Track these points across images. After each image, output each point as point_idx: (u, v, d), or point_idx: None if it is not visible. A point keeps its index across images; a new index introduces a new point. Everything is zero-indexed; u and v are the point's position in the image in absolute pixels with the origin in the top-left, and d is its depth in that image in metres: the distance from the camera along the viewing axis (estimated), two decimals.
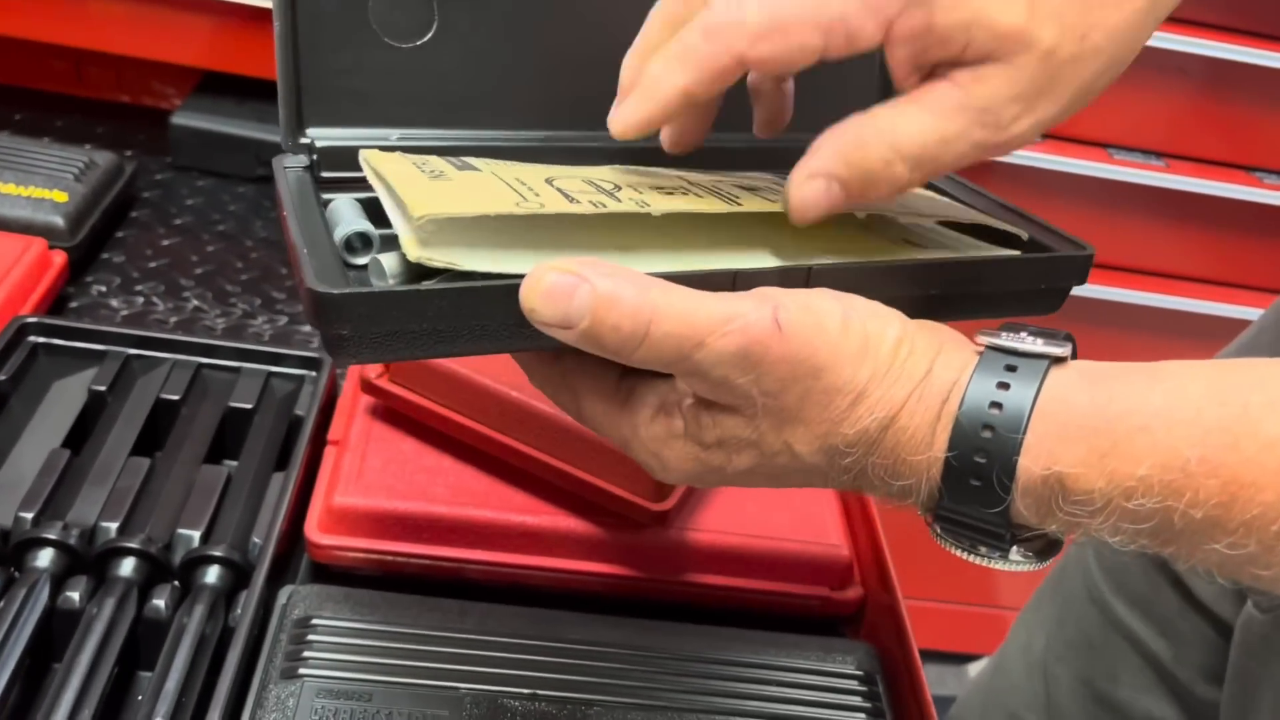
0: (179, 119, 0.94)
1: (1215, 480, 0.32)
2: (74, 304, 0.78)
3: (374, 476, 0.63)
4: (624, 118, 0.39)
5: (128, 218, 0.88)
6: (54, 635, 0.55)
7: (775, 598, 0.64)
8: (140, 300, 0.80)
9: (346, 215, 0.44)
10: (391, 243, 0.39)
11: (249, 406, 0.68)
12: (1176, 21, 1.03)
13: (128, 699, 0.55)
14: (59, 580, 0.56)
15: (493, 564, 0.62)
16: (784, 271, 0.38)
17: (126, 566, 0.56)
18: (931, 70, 0.37)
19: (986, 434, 0.34)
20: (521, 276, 0.35)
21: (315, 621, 0.55)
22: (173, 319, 0.79)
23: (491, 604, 0.58)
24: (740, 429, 0.37)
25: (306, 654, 0.53)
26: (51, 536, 0.56)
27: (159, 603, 0.56)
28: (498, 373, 0.64)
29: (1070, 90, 0.37)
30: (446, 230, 0.37)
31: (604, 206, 0.39)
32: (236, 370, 0.71)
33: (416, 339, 0.36)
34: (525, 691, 0.53)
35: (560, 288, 0.34)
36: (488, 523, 0.62)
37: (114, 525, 0.58)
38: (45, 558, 0.56)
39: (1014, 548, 0.36)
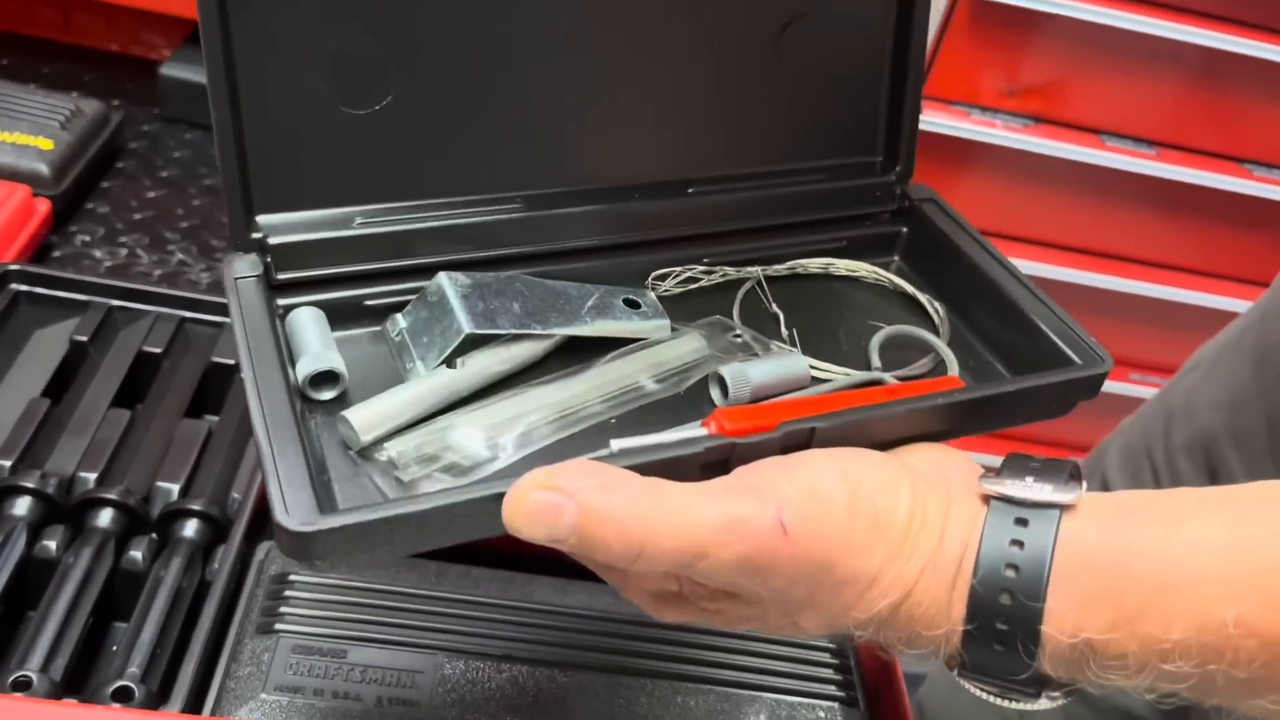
0: (168, 70, 0.93)
1: (1254, 640, 0.31)
2: (57, 253, 0.78)
3: None
4: None
5: (113, 168, 0.87)
6: (29, 583, 0.55)
7: None
8: (124, 252, 0.79)
9: (309, 340, 0.44)
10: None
11: (232, 362, 0.67)
12: (1173, 9, 1.03)
13: (103, 649, 0.55)
14: (36, 529, 0.56)
15: None
16: (786, 434, 0.38)
17: (104, 517, 0.56)
18: None
19: (1005, 599, 0.33)
20: (500, 485, 0.35)
21: (292, 578, 0.55)
22: (157, 272, 0.78)
23: (468, 565, 0.58)
24: (742, 609, 0.37)
25: (283, 609, 0.53)
26: (29, 485, 0.56)
27: (136, 554, 0.56)
28: None
29: None
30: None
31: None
32: (219, 325, 0.70)
33: (393, 550, 0.36)
34: (499, 654, 0.53)
35: (545, 508, 0.33)
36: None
37: (92, 476, 0.58)
38: (23, 506, 0.56)
39: (1044, 693, 0.35)
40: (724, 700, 0.54)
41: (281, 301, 0.46)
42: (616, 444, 0.40)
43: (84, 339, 0.66)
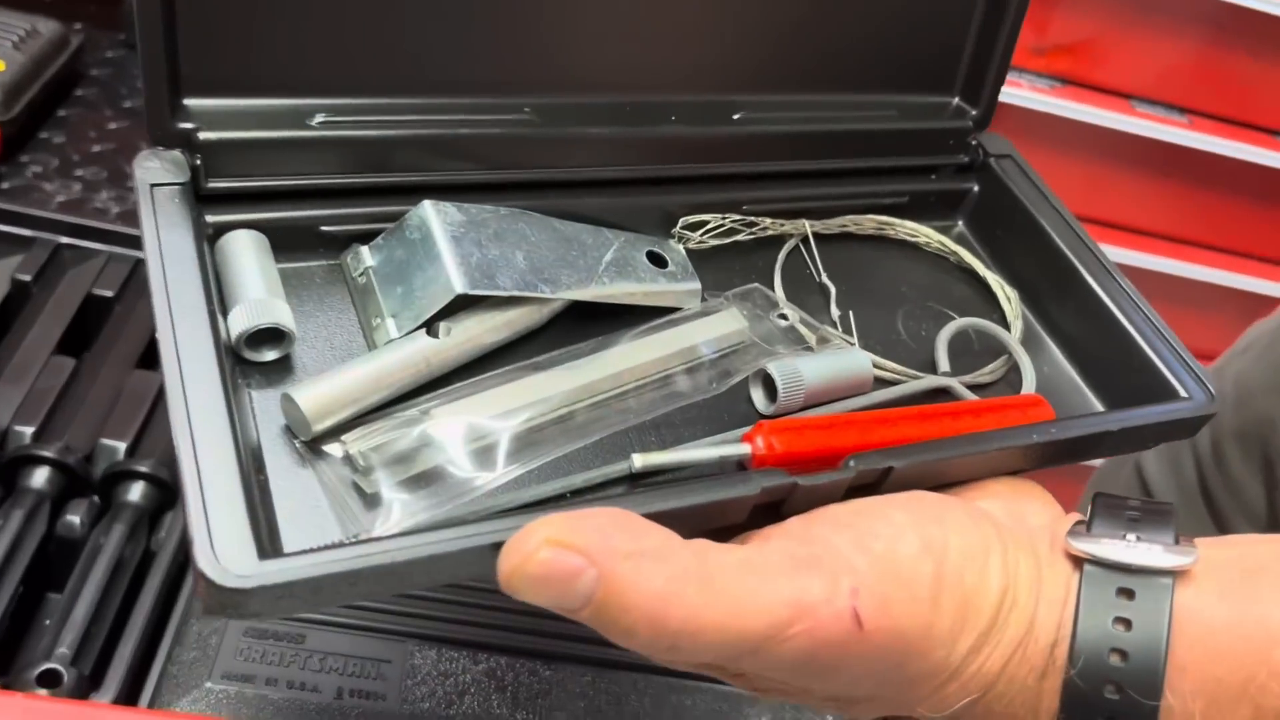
0: None
1: None
2: (5, 185, 0.71)
3: None
4: None
5: (72, 95, 0.81)
6: None
7: None
8: (79, 186, 0.73)
9: (248, 278, 0.35)
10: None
11: None
12: None
13: (33, 624, 0.49)
14: None
15: None
16: (859, 473, 0.32)
17: (39, 476, 0.51)
18: None
19: (1111, 693, 0.27)
20: (494, 528, 0.28)
21: None
22: (115, 209, 0.72)
23: None
24: (786, 689, 0.31)
25: None
26: None
27: (73, 519, 0.50)
28: None
29: None
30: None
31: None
32: None
33: (358, 593, 0.29)
34: (475, 642, 0.48)
35: (556, 571, 0.25)
36: None
37: (29, 430, 0.52)
38: None
39: None
40: (722, 700, 0.49)
41: (212, 219, 0.36)
42: (640, 459, 0.34)
43: (27, 278, 0.60)
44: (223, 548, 0.27)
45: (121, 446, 0.53)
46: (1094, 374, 0.43)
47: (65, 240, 0.63)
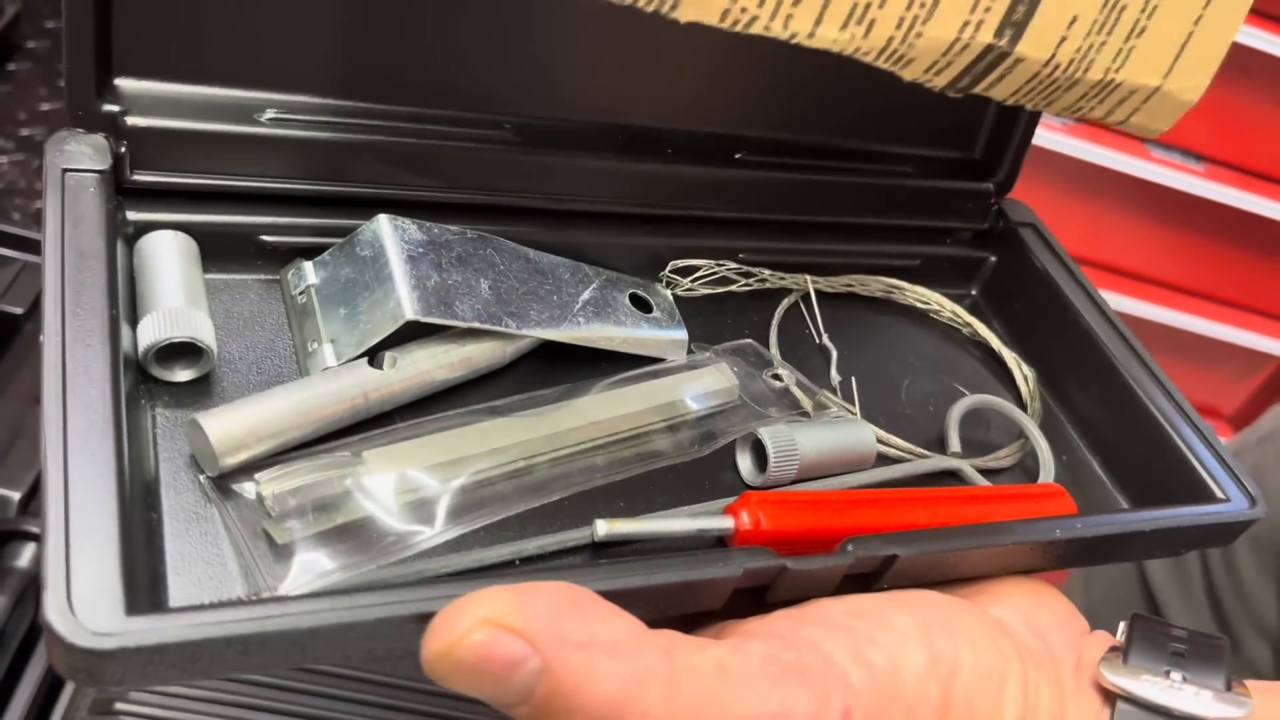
0: None
1: None
2: None
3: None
4: None
5: (3, 69, 0.74)
6: None
7: None
8: (1, 177, 0.66)
9: (166, 284, 0.30)
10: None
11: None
12: (1257, 14, 0.92)
13: None
14: None
15: None
16: (857, 559, 0.28)
17: None
18: None
19: None
20: (419, 595, 0.23)
21: None
22: (37, 204, 0.65)
23: None
24: None
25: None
26: None
27: None
28: None
29: None
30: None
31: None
32: None
33: (249, 665, 0.24)
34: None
35: (491, 658, 0.21)
36: None
37: None
38: None
39: None
40: None
41: (133, 216, 0.32)
42: (604, 526, 0.29)
43: None
44: (82, 597, 0.22)
45: (15, 497, 0.47)
46: (1119, 467, 0.39)
47: None
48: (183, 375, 0.30)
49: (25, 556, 0.45)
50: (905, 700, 0.24)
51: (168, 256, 0.31)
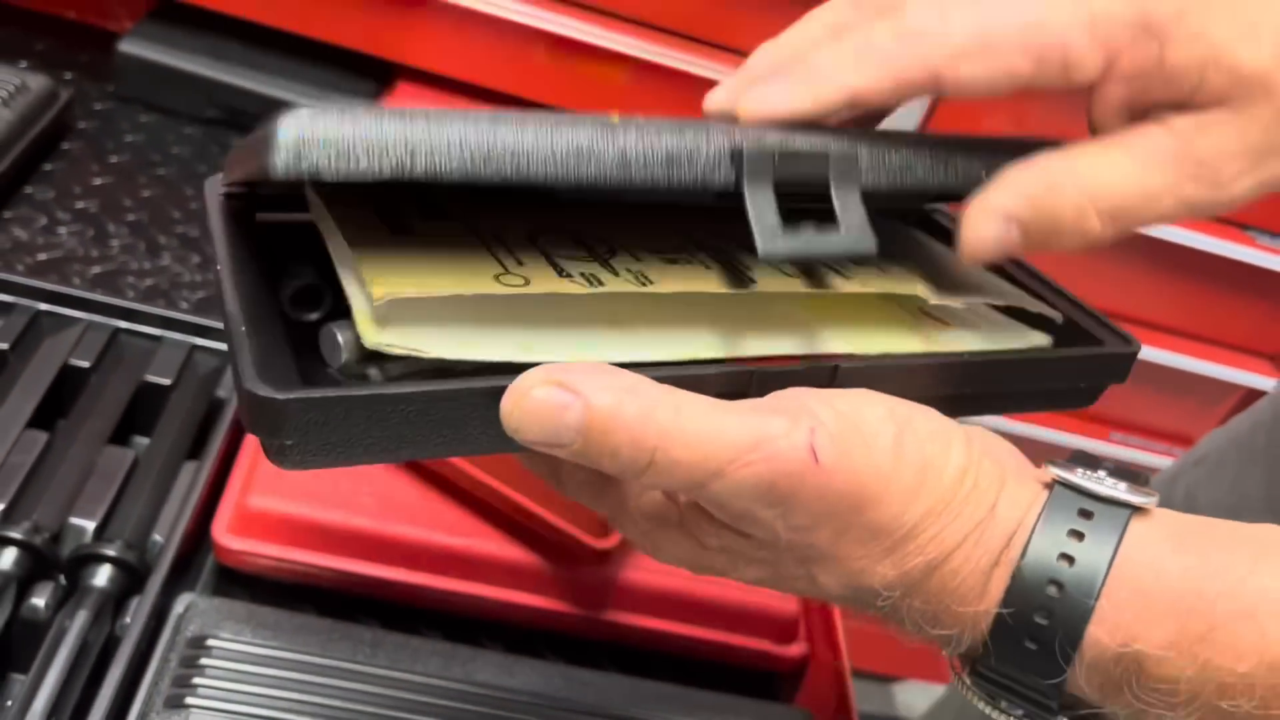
0: (126, 46, 0.87)
1: None
2: None
3: (295, 478, 0.58)
4: (765, 100, 0.32)
5: (58, 149, 0.81)
6: None
7: (714, 648, 0.60)
8: (61, 245, 0.73)
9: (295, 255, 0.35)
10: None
11: (167, 382, 0.62)
12: None
13: None
14: None
15: (415, 585, 0.57)
16: (808, 369, 0.33)
17: (6, 558, 0.51)
18: (1144, 112, 0.32)
19: (1052, 590, 0.29)
20: (503, 379, 0.29)
21: (211, 643, 0.49)
22: (94, 269, 0.72)
23: (407, 635, 0.53)
24: (752, 550, 0.32)
25: (197, 680, 0.48)
26: None
27: (38, 602, 0.50)
28: None
29: None
30: (411, 306, 0.30)
31: (598, 283, 0.33)
32: (157, 339, 0.65)
33: (377, 445, 0.29)
34: None
35: (548, 406, 0.28)
36: (413, 542, 0.57)
37: None
38: None
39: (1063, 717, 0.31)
40: None
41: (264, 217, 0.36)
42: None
43: (5, 346, 0.60)
44: (265, 371, 0.28)
45: (90, 526, 0.53)
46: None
47: (44, 306, 0.64)
48: (313, 314, 0.33)
49: (102, 577, 0.52)
50: (864, 431, 0.29)
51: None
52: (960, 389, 0.36)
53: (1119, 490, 0.30)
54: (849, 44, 0.32)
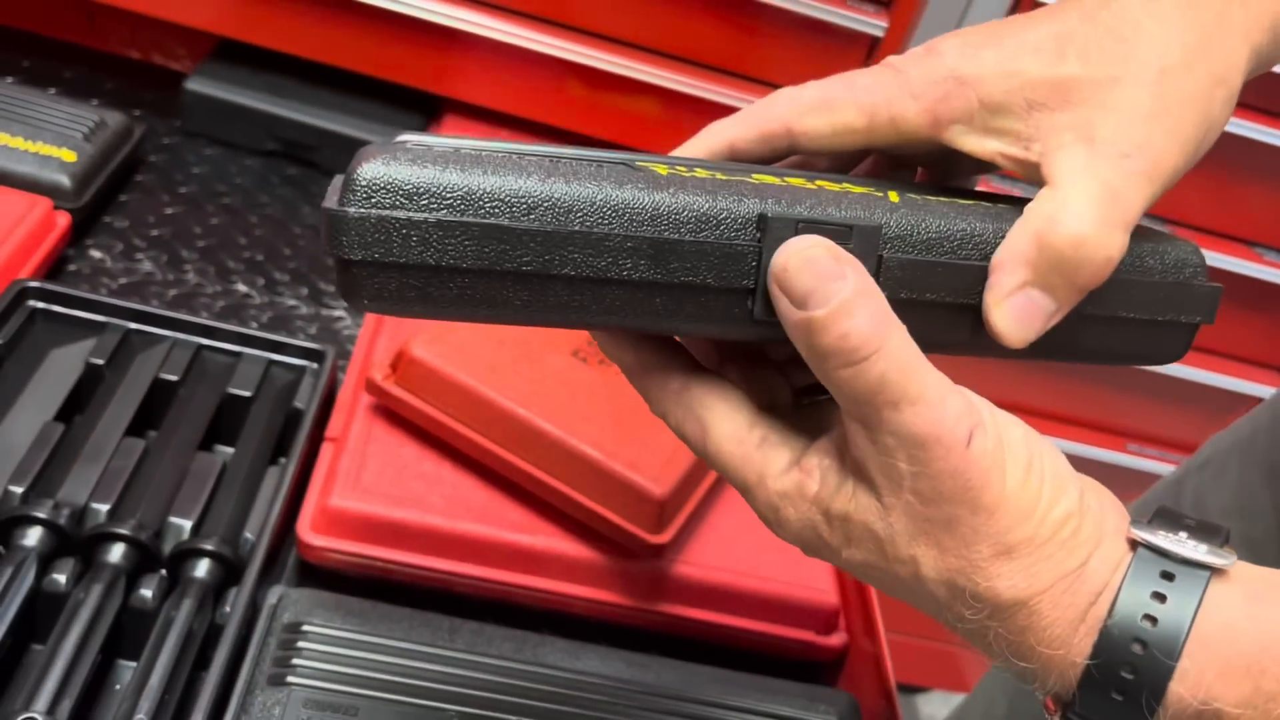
0: (193, 85, 0.93)
1: None
2: (72, 267, 0.77)
3: (371, 480, 0.62)
4: (680, 149, 0.40)
5: (132, 181, 0.86)
6: (37, 617, 0.54)
7: (760, 638, 0.64)
8: (139, 269, 0.78)
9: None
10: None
11: (248, 394, 0.67)
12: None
13: (106, 687, 0.54)
14: (45, 560, 0.55)
15: (482, 579, 0.62)
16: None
17: (116, 552, 0.55)
18: (996, 135, 0.37)
19: (1137, 649, 0.32)
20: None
21: (306, 628, 0.54)
22: (171, 292, 0.77)
23: (481, 623, 0.58)
24: (871, 515, 0.34)
25: (295, 661, 0.53)
26: (41, 515, 0.55)
27: (146, 593, 0.55)
28: (507, 388, 0.63)
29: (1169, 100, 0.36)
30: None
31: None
32: (237, 355, 0.70)
33: (463, 291, 0.30)
34: (511, 715, 0.53)
35: (824, 265, 0.31)
36: (482, 539, 0.62)
37: (105, 508, 0.57)
38: (34, 536, 0.55)
39: None
40: None
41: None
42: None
43: (100, 362, 0.65)
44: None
45: (188, 525, 0.58)
46: None
47: (133, 326, 0.69)
48: None
49: (202, 570, 0.56)
50: (1007, 446, 0.33)
51: None
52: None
53: (1199, 553, 0.33)
54: (734, 115, 0.39)
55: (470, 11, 0.95)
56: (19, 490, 0.57)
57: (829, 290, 0.31)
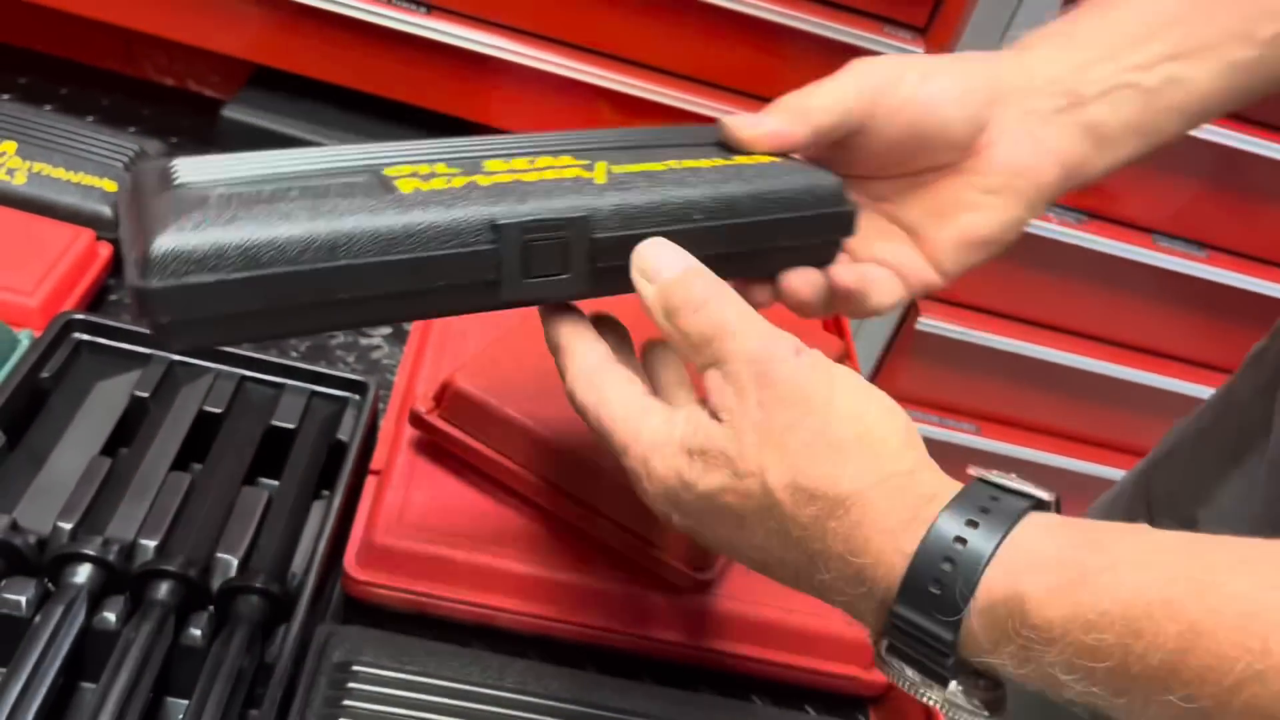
0: (231, 112, 0.93)
1: (1175, 625, 0.32)
2: (113, 297, 0.77)
3: (416, 515, 0.62)
4: None
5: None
6: (86, 655, 0.54)
7: (805, 674, 0.64)
8: None
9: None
10: None
11: (291, 426, 0.67)
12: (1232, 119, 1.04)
13: None
14: (95, 598, 0.55)
15: (527, 614, 0.62)
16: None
17: (165, 589, 0.55)
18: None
19: (958, 545, 0.35)
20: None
21: (356, 668, 0.54)
22: None
23: (530, 661, 0.57)
24: (725, 440, 0.39)
25: (346, 701, 0.52)
26: (91, 553, 0.55)
27: (195, 631, 0.55)
28: (551, 420, 0.63)
29: None
30: None
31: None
32: (279, 386, 0.70)
33: (258, 324, 0.37)
34: None
35: (665, 256, 0.42)
36: (527, 575, 0.62)
37: (153, 544, 0.57)
38: (83, 573, 0.55)
39: (955, 681, 0.36)
40: None
41: None
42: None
43: (145, 395, 0.65)
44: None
45: (235, 561, 0.58)
46: None
47: (177, 358, 0.69)
48: None
49: (251, 606, 0.56)
50: (828, 366, 0.40)
51: None
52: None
53: (1026, 486, 0.37)
54: None
55: (503, 39, 0.96)
56: (67, 527, 0.57)
57: (671, 264, 0.42)
